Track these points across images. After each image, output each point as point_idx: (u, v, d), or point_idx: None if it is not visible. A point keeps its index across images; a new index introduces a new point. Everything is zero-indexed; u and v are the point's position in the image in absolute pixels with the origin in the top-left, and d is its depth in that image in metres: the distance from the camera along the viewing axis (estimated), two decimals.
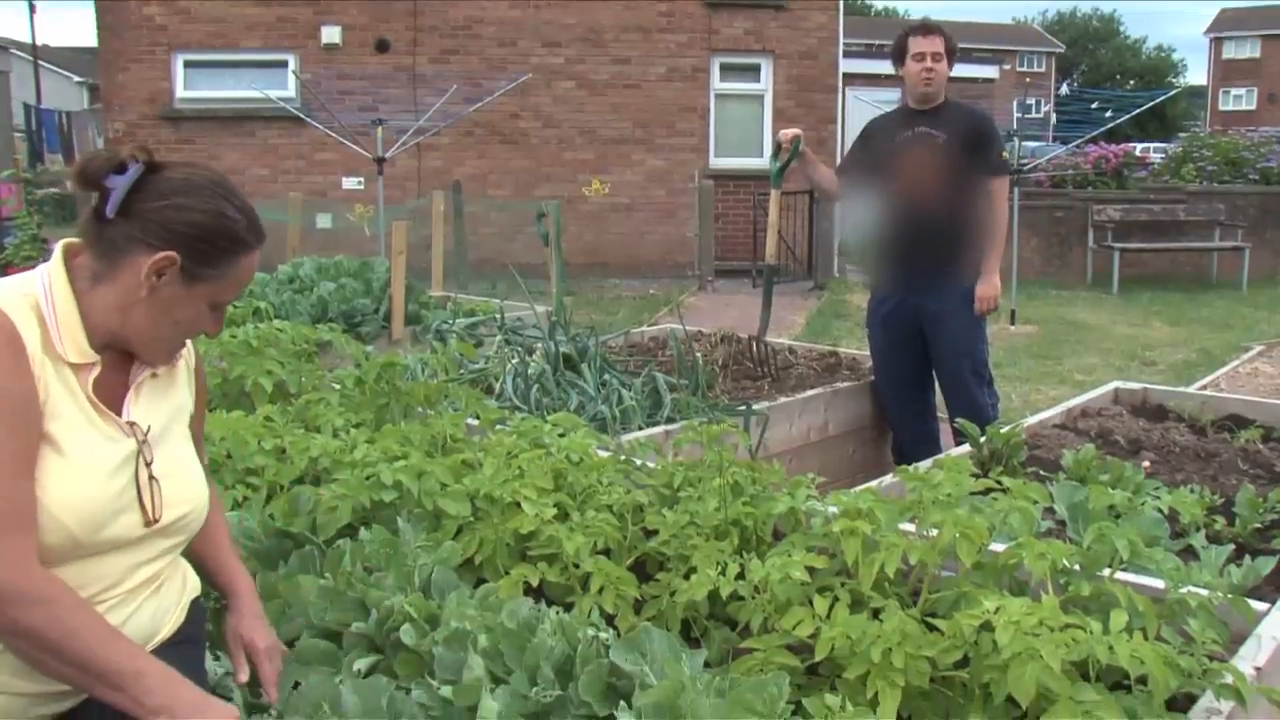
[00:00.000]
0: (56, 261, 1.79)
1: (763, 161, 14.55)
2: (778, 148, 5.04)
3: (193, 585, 2.03)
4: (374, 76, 14.04)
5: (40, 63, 15.33)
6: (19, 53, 16.87)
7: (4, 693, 1.69)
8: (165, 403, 1.91)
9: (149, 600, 1.87)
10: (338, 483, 2.58)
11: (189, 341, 1.99)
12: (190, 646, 1.96)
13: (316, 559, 2.37)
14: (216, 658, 2.12)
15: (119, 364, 1.83)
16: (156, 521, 1.82)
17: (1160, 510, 2.60)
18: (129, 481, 1.78)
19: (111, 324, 1.78)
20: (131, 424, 1.81)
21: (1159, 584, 2.17)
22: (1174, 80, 66.48)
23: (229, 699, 1.95)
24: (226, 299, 1.87)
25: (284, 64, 14.16)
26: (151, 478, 1.82)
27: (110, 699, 1.64)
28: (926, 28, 4.82)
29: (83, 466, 1.72)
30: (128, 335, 1.80)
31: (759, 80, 15.08)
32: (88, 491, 1.71)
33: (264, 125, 14.18)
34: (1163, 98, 15.76)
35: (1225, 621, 2.03)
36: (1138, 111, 15.21)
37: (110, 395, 1.80)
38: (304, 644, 2.09)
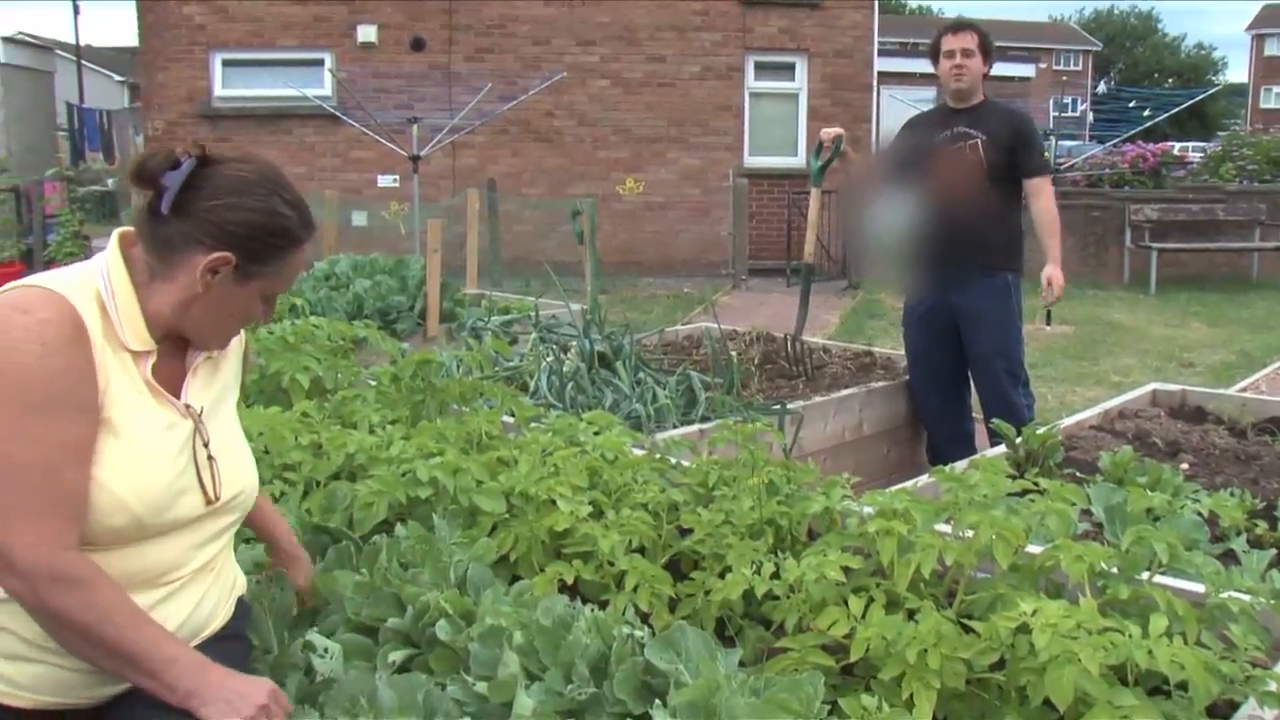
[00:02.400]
0: (114, 251, 1.82)
1: (797, 160, 14.64)
2: (819, 146, 5.04)
3: (241, 583, 2.06)
4: (409, 75, 14.10)
5: (83, 63, 15.50)
6: (63, 53, 17.07)
7: (61, 667, 1.72)
8: (216, 382, 1.95)
9: (212, 588, 1.91)
10: (374, 479, 2.59)
11: None
12: (236, 641, 1.99)
13: (353, 554, 2.38)
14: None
15: (175, 350, 1.87)
16: (217, 499, 1.85)
17: (1200, 513, 2.58)
18: (189, 462, 1.82)
19: (169, 317, 1.81)
20: (188, 406, 1.85)
21: (1199, 588, 2.15)
22: (1214, 78, 65.73)
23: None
24: (279, 290, 1.91)
25: (320, 63, 14.25)
26: (210, 457, 1.85)
27: (142, 684, 1.66)
28: (957, 26, 4.84)
29: (145, 450, 1.75)
30: (185, 328, 1.84)
31: (794, 79, 15.05)
32: (151, 475, 1.75)
33: (300, 123, 14.26)
34: (1202, 96, 15.64)
35: (1267, 627, 2.01)
36: (1176, 110, 15.09)
37: (169, 380, 1.84)
38: (340, 639, 2.10)
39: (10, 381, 1.63)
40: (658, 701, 1.78)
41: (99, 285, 1.77)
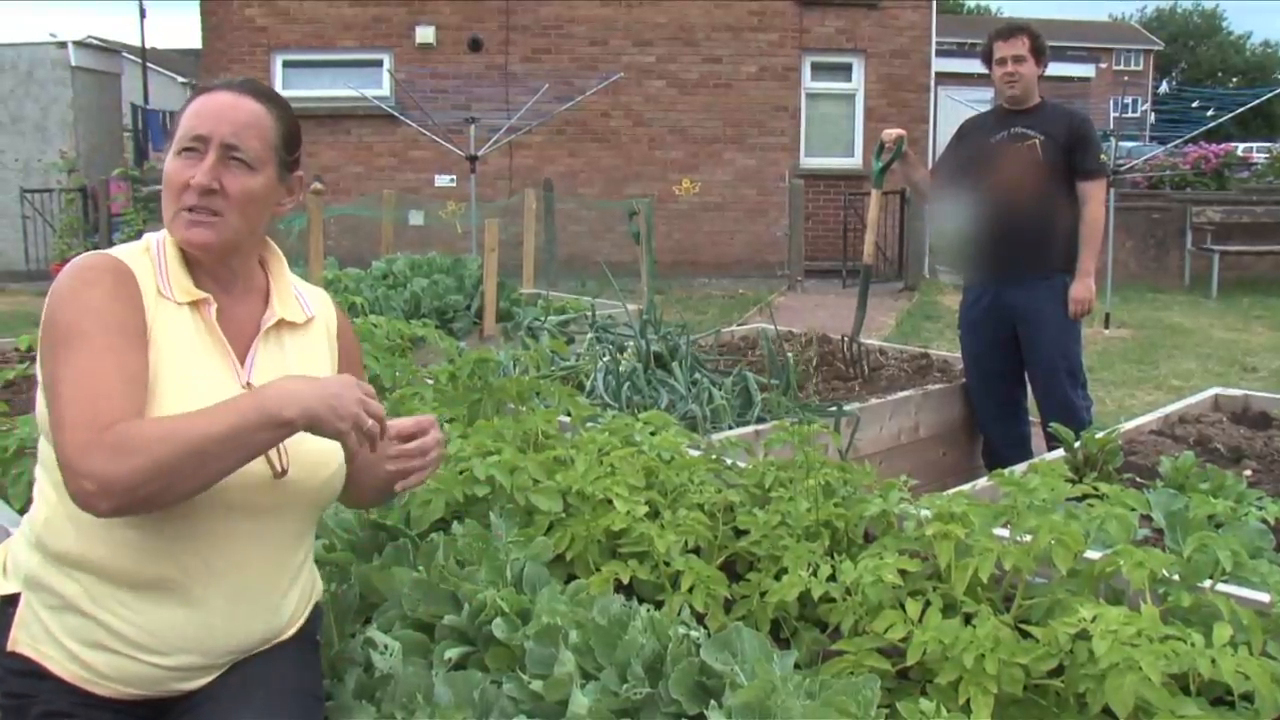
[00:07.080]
0: None
1: (853, 161, 14.58)
2: (880, 147, 5.01)
3: (318, 589, 2.08)
4: (467, 75, 14.19)
5: (148, 65, 15.76)
6: (129, 56, 17.38)
7: (146, 663, 1.75)
8: (294, 363, 1.92)
9: (293, 592, 1.92)
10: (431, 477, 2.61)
11: (331, 304, 2.07)
12: (311, 644, 2.00)
13: (410, 552, 2.40)
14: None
15: (242, 310, 1.90)
16: (284, 472, 1.81)
17: (1264, 521, 2.53)
18: None
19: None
20: (248, 384, 1.82)
21: (1263, 597, 2.11)
22: None
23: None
24: (180, 142, 1.83)
25: (379, 63, 14.39)
26: None
27: (265, 441, 1.67)
28: (1008, 31, 4.79)
29: (192, 404, 1.71)
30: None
31: (850, 79, 14.98)
32: None
33: (359, 124, 14.41)
34: (1268, 95, 15.31)
35: None
36: (1240, 110, 14.78)
37: (237, 343, 1.86)
38: (396, 635, 2.12)
39: (50, 325, 1.70)
40: (713, 702, 1.78)
41: (152, 247, 1.85)
